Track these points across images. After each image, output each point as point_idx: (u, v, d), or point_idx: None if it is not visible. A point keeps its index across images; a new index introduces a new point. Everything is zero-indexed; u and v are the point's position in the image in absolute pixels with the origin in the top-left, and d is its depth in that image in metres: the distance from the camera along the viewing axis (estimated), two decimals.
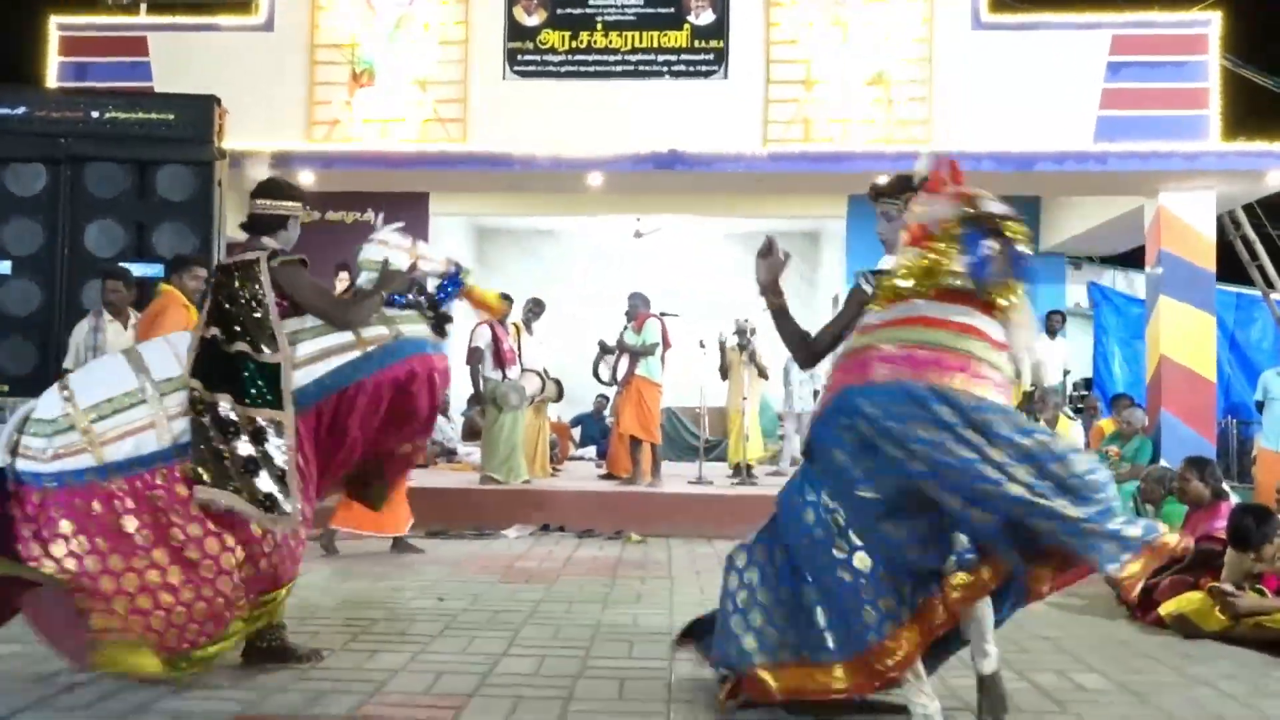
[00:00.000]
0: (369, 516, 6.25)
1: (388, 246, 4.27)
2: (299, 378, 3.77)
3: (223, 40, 9.77)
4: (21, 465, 3.53)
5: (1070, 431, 9.09)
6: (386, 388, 3.89)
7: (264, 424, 3.66)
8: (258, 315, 3.79)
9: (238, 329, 3.75)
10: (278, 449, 3.64)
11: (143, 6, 11.80)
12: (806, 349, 3.74)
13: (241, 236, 4.15)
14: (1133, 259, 13.09)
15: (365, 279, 4.17)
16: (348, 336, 3.86)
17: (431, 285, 4.29)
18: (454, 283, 4.33)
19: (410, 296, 4.17)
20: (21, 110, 7.13)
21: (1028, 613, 5.41)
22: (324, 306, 3.90)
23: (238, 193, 7.58)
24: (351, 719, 3.34)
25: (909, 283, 3.26)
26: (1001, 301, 3.19)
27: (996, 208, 3.21)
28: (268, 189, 4.17)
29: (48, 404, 3.64)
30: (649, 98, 9.58)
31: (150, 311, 6.07)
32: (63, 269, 7.05)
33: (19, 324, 6.98)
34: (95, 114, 7.20)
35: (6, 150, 7.06)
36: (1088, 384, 12.25)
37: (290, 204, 4.14)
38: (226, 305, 3.81)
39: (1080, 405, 10.74)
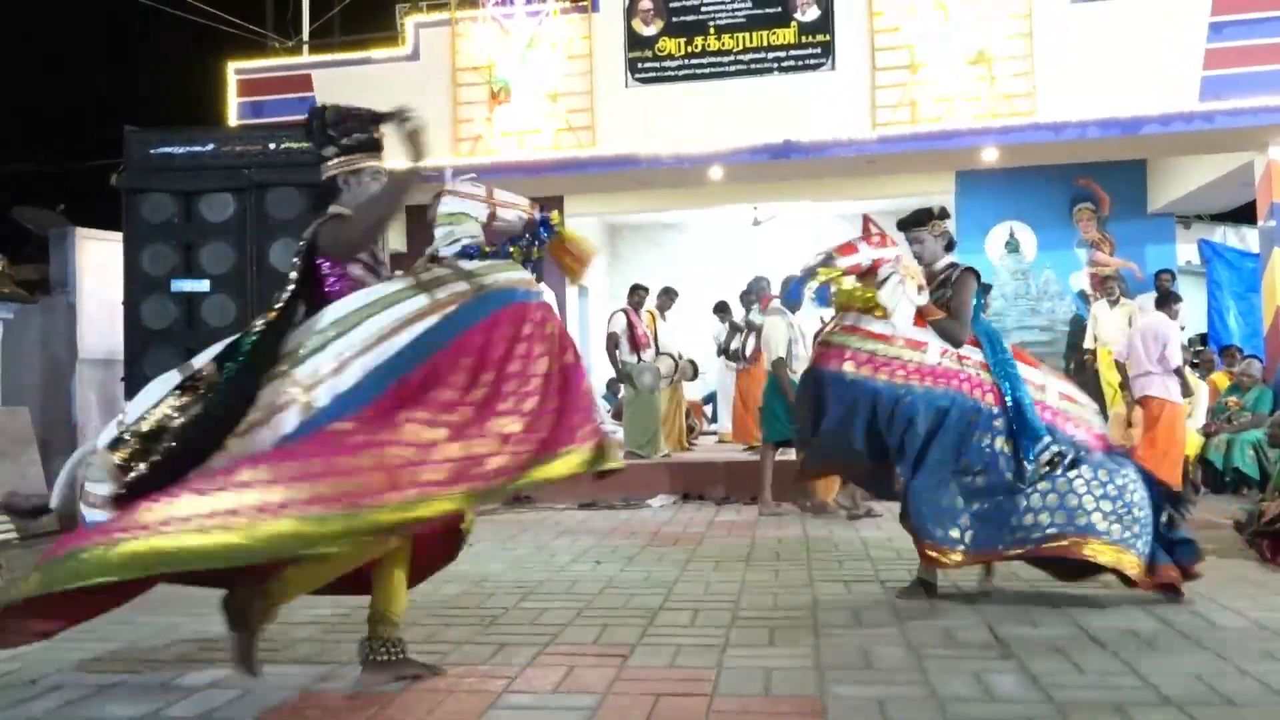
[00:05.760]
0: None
1: (462, 197, 3.67)
2: (378, 354, 2.99)
3: (375, 71, 10.09)
4: (87, 514, 2.90)
5: (1196, 387, 8.63)
6: (473, 348, 3.11)
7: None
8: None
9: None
10: None
11: (305, 48, 12.29)
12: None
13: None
14: (1243, 214, 12.36)
15: (441, 234, 3.56)
16: (422, 301, 3.07)
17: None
18: (545, 228, 3.68)
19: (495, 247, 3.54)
20: (211, 147, 7.48)
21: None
22: (348, 240, 3.19)
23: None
24: (532, 666, 3.43)
25: None
26: None
27: None
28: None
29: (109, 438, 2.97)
30: (762, 93, 9.48)
31: None
32: (253, 284, 7.39)
33: (219, 335, 7.29)
34: (272, 146, 7.50)
35: (200, 183, 7.41)
36: (1203, 339, 11.65)
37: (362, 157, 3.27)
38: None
39: (1197, 360, 10.21)
